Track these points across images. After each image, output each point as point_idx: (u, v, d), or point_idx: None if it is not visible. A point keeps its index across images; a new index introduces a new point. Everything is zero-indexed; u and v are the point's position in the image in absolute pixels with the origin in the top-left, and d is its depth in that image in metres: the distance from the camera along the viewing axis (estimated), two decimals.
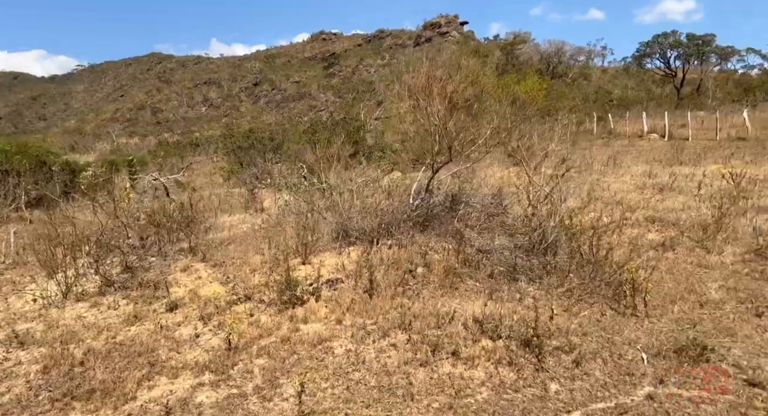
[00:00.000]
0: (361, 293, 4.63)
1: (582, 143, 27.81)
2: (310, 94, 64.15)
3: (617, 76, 61.17)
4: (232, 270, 5.36)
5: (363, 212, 5.62)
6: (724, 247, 5.98)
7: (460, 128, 5.22)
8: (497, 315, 4.02)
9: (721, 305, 4.47)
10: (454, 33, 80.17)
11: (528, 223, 5.96)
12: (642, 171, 12.72)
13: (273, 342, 3.92)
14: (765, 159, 13.95)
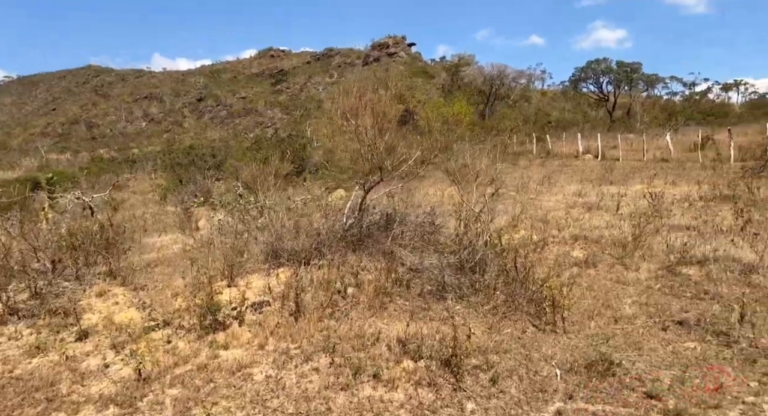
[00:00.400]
0: (287, 316, 4.54)
1: (522, 162, 28.96)
2: (257, 111, 63.46)
3: (556, 99, 64.36)
4: (153, 294, 5.13)
5: (295, 232, 5.54)
6: (641, 264, 6.31)
7: (391, 147, 5.29)
8: (421, 334, 4.04)
9: (633, 320, 4.69)
10: (402, 53, 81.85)
11: (459, 242, 6.08)
12: (574, 190, 13.31)
13: (189, 370, 3.75)
14: (684, 179, 14.94)
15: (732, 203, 9.55)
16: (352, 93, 5.35)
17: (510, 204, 11.55)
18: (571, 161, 27.77)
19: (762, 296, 4.87)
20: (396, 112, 5.40)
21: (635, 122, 41.62)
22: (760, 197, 9.54)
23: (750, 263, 5.59)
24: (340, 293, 5.09)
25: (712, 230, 7.35)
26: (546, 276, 5.14)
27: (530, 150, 33.25)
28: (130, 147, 51.70)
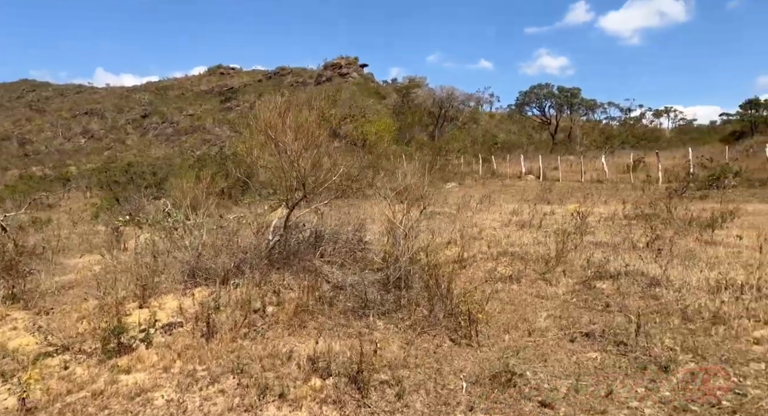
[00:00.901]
0: (198, 337, 4.39)
1: (468, 181, 29.68)
2: (205, 128, 62.14)
3: (503, 122, 66.56)
4: (58, 318, 4.84)
5: (217, 250, 5.41)
6: (561, 279, 6.54)
7: (315, 164, 5.29)
8: (331, 352, 4.01)
9: (545, 333, 4.84)
10: (354, 74, 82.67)
11: (386, 258, 6.12)
12: (511, 209, 13.72)
13: (83, 397, 3.55)
14: (615, 199, 15.69)
15: (649, 222, 10.15)
16: (275, 110, 5.34)
17: (449, 222, 11.81)
18: (514, 182, 28.75)
19: (660, 307, 5.15)
20: (321, 130, 5.41)
21: (575, 144, 43.65)
22: (677, 216, 10.15)
23: (655, 277, 5.91)
24: (258, 312, 4.99)
25: (627, 246, 7.74)
26: (464, 291, 5.24)
27: (477, 170, 34.21)
28: (66, 165, 49.23)
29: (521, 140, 52.05)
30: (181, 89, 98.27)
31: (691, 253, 7.21)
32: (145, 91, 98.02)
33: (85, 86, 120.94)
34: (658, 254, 6.32)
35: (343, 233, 6.39)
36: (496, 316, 5.29)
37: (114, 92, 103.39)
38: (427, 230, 9.40)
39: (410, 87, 60.07)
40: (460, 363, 4.17)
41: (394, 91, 62.78)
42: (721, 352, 4.04)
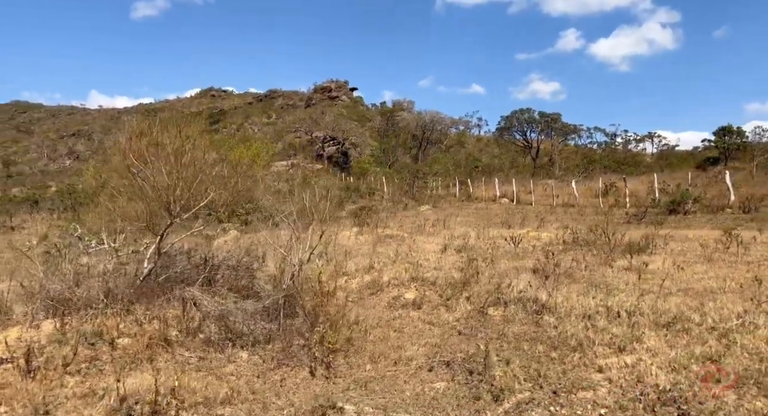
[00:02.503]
0: (22, 374, 4.10)
1: (442, 204, 29.59)
2: None
3: (489, 145, 66.99)
4: None
5: (77, 279, 5.16)
6: (462, 305, 6.31)
7: (177, 189, 5.08)
8: (141, 390, 3.73)
9: (409, 362, 4.63)
10: (344, 97, 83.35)
11: (273, 285, 5.90)
12: (460, 233, 13.53)
13: None
14: (570, 224, 15.53)
15: (585, 247, 9.97)
16: (136, 135, 5.18)
17: (395, 245, 11.60)
18: (488, 205, 28.69)
19: (536, 334, 4.97)
20: (188, 155, 5.23)
21: (556, 168, 43.90)
22: (617, 242, 9.98)
23: (546, 303, 5.72)
24: (112, 344, 4.71)
25: (546, 272, 7.54)
26: (333, 320, 5.01)
27: (454, 193, 34.18)
28: (47, 186, 48.86)
29: (504, 163, 52.26)
30: (171, 111, 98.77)
31: (602, 279, 7.04)
32: (136, 112, 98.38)
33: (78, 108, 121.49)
34: (545, 279, 6.14)
35: (233, 260, 6.17)
36: (372, 345, 5.09)
37: (105, 114, 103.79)
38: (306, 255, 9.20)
39: (395, 110, 60.66)
40: (295, 397, 3.93)
41: (378, 114, 63.25)
42: (560, 380, 3.87)
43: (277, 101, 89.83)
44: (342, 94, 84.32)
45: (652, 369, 3.86)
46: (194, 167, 5.07)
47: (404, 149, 52.18)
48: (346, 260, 9.44)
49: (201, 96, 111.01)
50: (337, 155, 46.54)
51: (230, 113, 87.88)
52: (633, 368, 3.97)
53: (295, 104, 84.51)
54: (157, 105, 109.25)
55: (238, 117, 78.22)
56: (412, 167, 40.37)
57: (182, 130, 5.27)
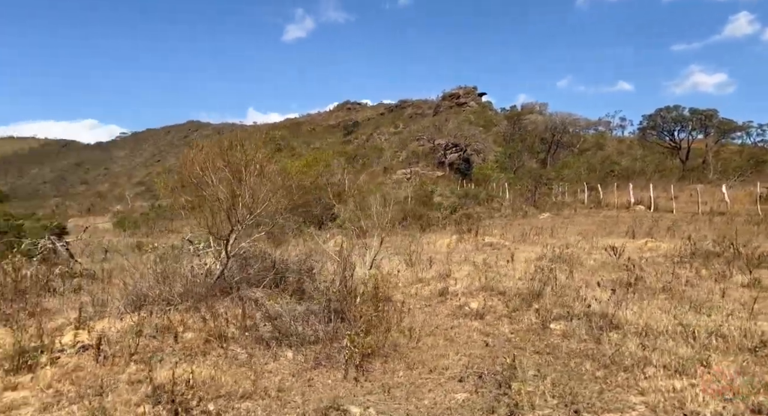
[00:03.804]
0: (95, 359, 4.77)
1: (566, 211, 27.72)
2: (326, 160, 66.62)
3: (632, 147, 61.13)
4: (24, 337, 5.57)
5: (162, 278, 5.85)
6: (527, 317, 5.93)
7: (238, 198, 5.50)
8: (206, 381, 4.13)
9: (444, 372, 4.51)
10: (472, 103, 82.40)
11: (327, 289, 6.09)
12: (567, 242, 12.57)
13: None
14: (717, 232, 13.54)
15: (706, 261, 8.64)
16: (204, 151, 5.71)
17: (485, 255, 11.20)
18: (620, 212, 26.13)
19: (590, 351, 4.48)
20: (249, 170, 5.61)
21: (709, 171, 38.46)
22: (748, 255, 8.50)
23: (614, 319, 5.10)
24: (176, 337, 5.26)
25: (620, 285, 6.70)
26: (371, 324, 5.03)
27: (582, 200, 31.74)
28: None
29: (646, 166, 47.17)
30: (313, 124, 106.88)
31: (704, 295, 6.05)
32: (282, 127, 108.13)
33: (237, 125, 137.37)
34: (622, 294, 5.44)
35: (299, 264, 6.48)
36: (417, 352, 5.05)
37: (258, 129, 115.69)
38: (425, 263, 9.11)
39: (522, 114, 58.34)
40: (315, 397, 4.04)
41: (505, 118, 61.35)
42: (591, 400, 3.48)
43: (406, 111, 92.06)
44: (470, 100, 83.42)
45: (702, 396, 3.25)
46: (254, 180, 5.47)
47: (531, 153, 49.88)
48: (430, 267, 9.36)
49: (338, 109, 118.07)
50: (458, 161, 46.05)
51: (363, 124, 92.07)
52: (679, 393, 3.41)
53: (424, 113, 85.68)
54: (301, 119, 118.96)
55: (369, 128, 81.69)
56: (537, 171, 38.36)
57: (244, 147, 5.74)
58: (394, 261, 9.97)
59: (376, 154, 57.54)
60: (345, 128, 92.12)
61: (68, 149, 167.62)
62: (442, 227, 18.38)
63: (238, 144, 5.91)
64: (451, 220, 17.49)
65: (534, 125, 53.94)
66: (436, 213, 22.13)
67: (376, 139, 69.37)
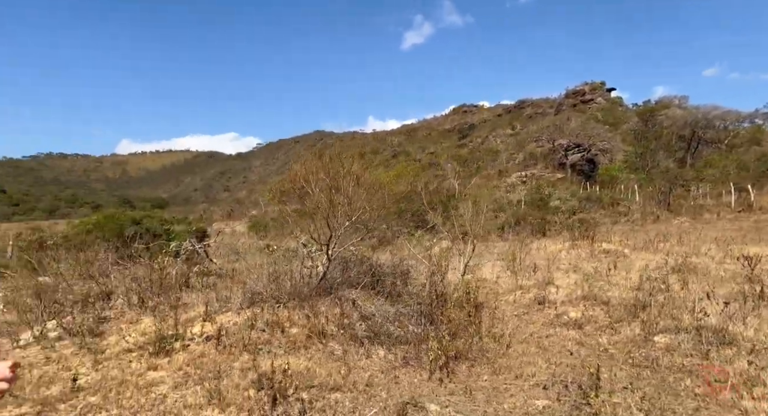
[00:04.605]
0: (216, 348, 5.50)
1: (706, 216, 24.85)
2: (438, 164, 66.69)
3: None
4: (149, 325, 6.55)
5: (274, 278, 6.52)
6: (630, 329, 5.62)
7: (336, 206, 5.92)
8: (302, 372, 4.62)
9: (529, 379, 4.51)
10: (599, 99, 77.29)
11: (420, 292, 6.32)
12: (698, 250, 11.37)
13: (119, 382, 4.95)
14: None
15: None
16: (306, 163, 6.22)
17: (596, 264, 10.59)
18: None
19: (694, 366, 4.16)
20: (348, 180, 6.00)
21: None
22: None
23: (729, 335, 4.63)
24: (283, 332, 5.86)
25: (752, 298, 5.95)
26: (458, 328, 5.15)
27: (728, 203, 28.10)
28: None
29: None
30: (428, 129, 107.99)
31: None
32: (398, 133, 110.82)
33: (358, 133, 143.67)
34: (725, 307, 4.88)
35: (391, 267, 6.76)
36: (506, 358, 5.11)
37: (376, 136, 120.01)
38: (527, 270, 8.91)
39: (656, 109, 53.21)
40: (398, 393, 4.30)
41: (636, 114, 56.39)
42: None
43: (525, 111, 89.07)
44: (596, 96, 78.25)
45: None
46: (351, 189, 5.88)
47: (667, 152, 45.26)
48: (534, 274, 9.14)
49: (454, 113, 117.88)
50: (581, 162, 43.30)
51: (479, 127, 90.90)
52: None
53: (545, 112, 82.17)
54: (417, 125, 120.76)
55: (484, 130, 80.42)
56: (673, 171, 34.74)
57: (341, 159, 6.19)
58: (496, 267, 9.88)
59: (490, 157, 56.45)
60: (460, 131, 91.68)
61: (214, 159, 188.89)
62: (556, 233, 17.61)
63: (336, 157, 6.41)
64: (567, 225, 16.67)
65: (671, 120, 48.92)
66: (554, 217, 21.21)
67: (491, 141, 68.09)
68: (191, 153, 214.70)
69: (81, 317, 6.80)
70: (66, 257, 10.92)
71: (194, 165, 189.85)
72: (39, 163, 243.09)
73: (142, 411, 4.37)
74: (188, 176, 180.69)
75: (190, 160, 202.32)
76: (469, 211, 6.91)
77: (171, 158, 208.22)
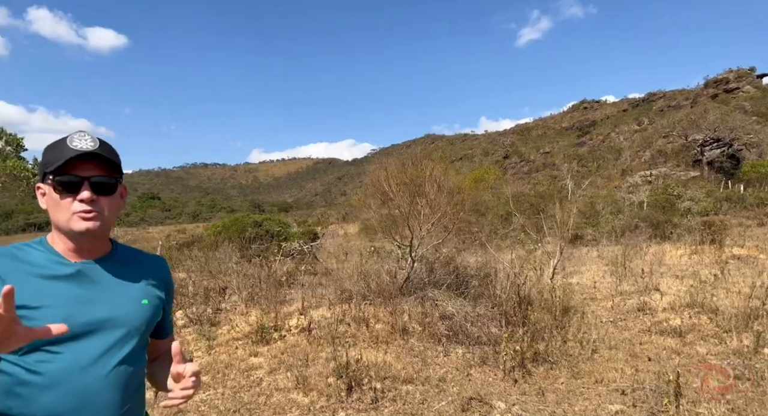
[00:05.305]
0: (307, 340, 6.03)
1: None
2: (554, 164, 63.50)
3: None
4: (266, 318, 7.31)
5: (364, 277, 6.93)
6: (738, 339, 5.15)
7: (416, 209, 6.10)
8: (368, 362, 4.96)
9: (610, 384, 4.41)
10: (747, 88, 68.47)
11: (502, 294, 6.32)
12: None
13: (225, 365, 5.67)
14: None
15: None
16: (390, 168, 6.46)
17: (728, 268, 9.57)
18: None
19: None
20: (430, 183, 6.15)
21: None
22: None
23: None
24: (368, 327, 6.24)
25: None
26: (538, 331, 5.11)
27: None
28: None
29: None
30: (544, 128, 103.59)
31: None
32: (512, 133, 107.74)
33: (469, 135, 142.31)
34: None
35: (475, 269, 6.78)
36: (591, 363, 5.01)
37: (487, 137, 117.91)
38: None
39: None
40: (468, 389, 4.45)
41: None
42: None
43: (655, 104, 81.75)
44: (744, 84, 69.30)
45: None
46: (432, 193, 6.08)
47: None
48: (642, 279, 8.58)
49: (573, 110, 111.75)
50: (721, 159, 38.56)
51: (600, 124, 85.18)
52: None
53: (678, 104, 74.71)
54: (532, 124, 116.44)
55: (606, 127, 75.12)
56: None
57: (420, 165, 6.40)
58: (600, 272, 9.42)
59: (612, 155, 52.62)
60: (579, 128, 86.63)
61: (332, 166, 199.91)
62: (680, 236, 16.03)
63: (418, 163, 6.64)
64: (691, 228, 15.15)
65: None
66: (681, 220, 19.26)
67: (613, 138, 63.40)
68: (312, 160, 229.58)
69: (202, 308, 7.81)
70: (197, 255, 12.49)
71: (315, 171, 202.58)
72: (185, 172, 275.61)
73: (242, 391, 4.96)
74: (309, 182, 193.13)
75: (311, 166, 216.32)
76: (559, 213, 6.72)
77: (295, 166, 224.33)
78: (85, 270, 1.25)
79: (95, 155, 1.21)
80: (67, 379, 1.15)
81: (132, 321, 1.27)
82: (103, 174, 1.24)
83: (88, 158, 1.21)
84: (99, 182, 1.23)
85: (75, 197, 1.21)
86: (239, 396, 4.76)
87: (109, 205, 1.26)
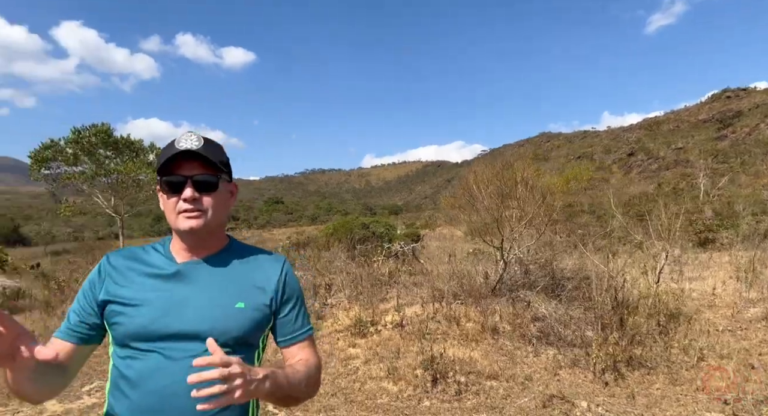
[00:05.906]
0: (400, 335, 6.38)
1: None
2: (688, 161, 57.27)
3: None
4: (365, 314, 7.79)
5: (458, 277, 7.10)
6: None
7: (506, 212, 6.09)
8: (451, 358, 5.18)
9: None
10: None
11: (599, 298, 6.15)
12: None
13: (329, 353, 6.23)
14: None
15: None
16: (479, 170, 6.49)
17: None
18: None
19: None
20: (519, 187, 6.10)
21: None
22: None
23: None
24: (459, 325, 6.43)
25: None
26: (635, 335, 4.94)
27: None
28: None
29: None
30: (676, 122, 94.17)
31: None
32: (638, 129, 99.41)
33: (589, 131, 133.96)
34: None
35: (572, 272, 6.57)
36: (693, 370, 4.81)
37: (610, 134, 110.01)
38: None
39: None
40: (552, 388, 4.48)
41: None
42: None
43: None
44: None
45: None
46: (523, 196, 6.08)
47: None
48: None
49: (713, 100, 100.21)
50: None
51: (747, 114, 75.27)
52: None
53: None
54: (662, 117, 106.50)
55: (754, 118, 66.16)
56: None
57: (511, 167, 6.39)
58: (724, 278, 8.62)
59: (761, 149, 46.18)
60: (720, 120, 77.23)
61: (441, 168, 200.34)
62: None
63: (508, 166, 6.65)
64: None
65: None
66: None
67: (763, 130, 55.58)
68: (421, 163, 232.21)
69: (310, 303, 8.55)
70: (310, 255, 13.55)
71: (424, 174, 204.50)
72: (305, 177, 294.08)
73: (340, 378, 5.44)
74: (419, 185, 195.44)
75: (420, 169, 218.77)
76: (664, 214, 6.32)
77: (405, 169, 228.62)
78: (185, 271, 1.25)
79: (197, 154, 1.20)
80: (149, 379, 1.15)
81: (220, 327, 1.19)
82: (205, 172, 1.22)
83: (190, 156, 1.20)
84: (201, 180, 1.21)
85: (179, 196, 1.20)
86: (337, 381, 5.24)
87: (214, 203, 1.24)
